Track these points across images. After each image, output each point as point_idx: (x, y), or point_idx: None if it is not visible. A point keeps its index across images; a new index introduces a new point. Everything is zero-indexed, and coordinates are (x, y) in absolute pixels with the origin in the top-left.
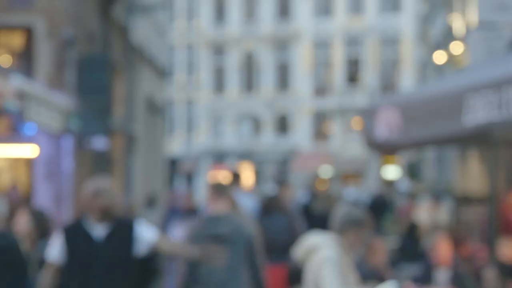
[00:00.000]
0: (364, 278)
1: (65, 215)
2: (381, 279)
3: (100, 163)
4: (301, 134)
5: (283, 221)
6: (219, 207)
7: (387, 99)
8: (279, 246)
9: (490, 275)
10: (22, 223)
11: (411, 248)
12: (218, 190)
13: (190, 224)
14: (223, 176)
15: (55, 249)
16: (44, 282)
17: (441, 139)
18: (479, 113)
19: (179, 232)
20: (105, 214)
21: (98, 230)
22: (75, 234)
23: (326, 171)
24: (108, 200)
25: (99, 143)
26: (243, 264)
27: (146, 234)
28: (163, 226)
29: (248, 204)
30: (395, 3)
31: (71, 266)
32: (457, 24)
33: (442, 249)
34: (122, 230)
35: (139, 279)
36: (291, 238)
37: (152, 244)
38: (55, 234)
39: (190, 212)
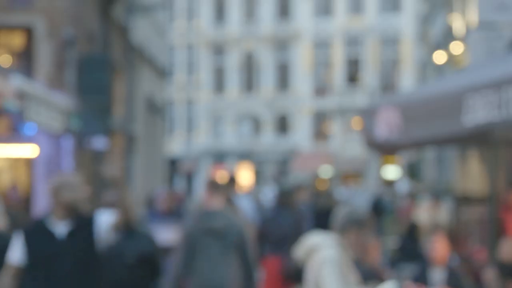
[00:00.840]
0: (364, 278)
1: None
2: (380, 279)
3: (100, 163)
4: (301, 134)
5: (292, 217)
6: (214, 203)
7: (387, 99)
8: (283, 238)
9: (490, 275)
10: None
11: (411, 248)
12: (213, 187)
13: (172, 226)
14: (220, 176)
15: (16, 250)
16: (3, 284)
17: (441, 139)
18: (479, 113)
19: (160, 234)
20: (69, 211)
21: (61, 228)
22: (37, 233)
23: (326, 171)
24: (72, 196)
25: (99, 143)
26: (234, 256)
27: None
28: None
29: (245, 205)
30: (395, 3)
31: (33, 266)
32: (457, 24)
33: (438, 249)
34: (84, 225)
35: (143, 279)
36: (296, 234)
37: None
38: (16, 235)
39: (169, 213)
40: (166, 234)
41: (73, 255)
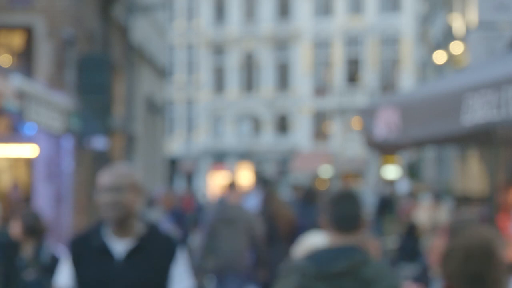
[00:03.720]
0: None
1: (65, 215)
2: None
3: (100, 163)
4: (301, 134)
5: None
6: (231, 198)
7: (387, 99)
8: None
9: None
10: (16, 227)
11: (411, 248)
12: (231, 186)
13: (172, 226)
14: (235, 177)
15: (63, 273)
16: None
17: (441, 138)
18: (478, 112)
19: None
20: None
21: (120, 246)
22: (87, 250)
23: (326, 171)
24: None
25: (99, 143)
26: (246, 241)
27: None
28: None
29: (252, 202)
30: (395, 3)
31: None
32: (457, 24)
33: (438, 249)
34: (153, 247)
35: None
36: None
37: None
38: (62, 250)
39: (170, 213)
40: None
41: (130, 284)
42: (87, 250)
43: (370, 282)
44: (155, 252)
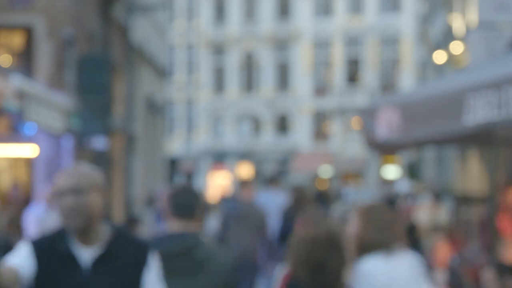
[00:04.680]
0: None
1: None
2: None
3: (100, 163)
4: (301, 134)
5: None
6: (244, 196)
7: (387, 99)
8: None
9: (489, 275)
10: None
11: (411, 248)
12: (243, 184)
13: None
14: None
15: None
16: None
17: (441, 139)
18: (479, 112)
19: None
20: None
21: (86, 253)
22: (51, 257)
23: (326, 171)
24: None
25: (99, 143)
26: (258, 237)
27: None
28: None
29: (275, 200)
30: (395, 3)
31: None
32: (457, 24)
33: (440, 251)
34: (122, 253)
35: None
36: None
37: None
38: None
39: None
40: None
41: None
42: (52, 257)
43: (202, 262)
44: (124, 259)
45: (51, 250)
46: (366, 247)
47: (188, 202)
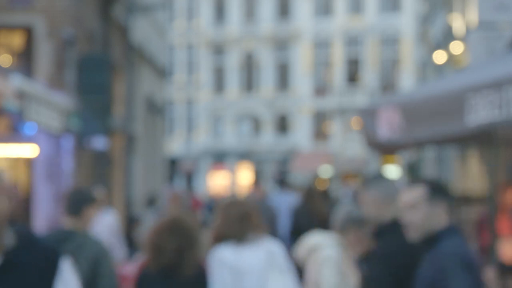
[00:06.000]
0: None
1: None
2: None
3: (100, 163)
4: (301, 134)
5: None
6: (256, 195)
7: (387, 99)
8: None
9: (490, 275)
10: None
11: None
12: (255, 183)
13: None
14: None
15: None
16: None
17: (442, 139)
18: (480, 113)
19: None
20: None
21: None
22: None
23: (326, 171)
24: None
25: (99, 143)
26: (268, 228)
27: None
28: None
29: (288, 200)
30: (395, 3)
31: None
32: (457, 24)
33: None
34: (27, 262)
35: None
36: None
37: None
38: None
39: None
40: None
41: None
42: None
43: (74, 250)
44: (30, 268)
45: None
46: (219, 238)
47: (74, 202)
